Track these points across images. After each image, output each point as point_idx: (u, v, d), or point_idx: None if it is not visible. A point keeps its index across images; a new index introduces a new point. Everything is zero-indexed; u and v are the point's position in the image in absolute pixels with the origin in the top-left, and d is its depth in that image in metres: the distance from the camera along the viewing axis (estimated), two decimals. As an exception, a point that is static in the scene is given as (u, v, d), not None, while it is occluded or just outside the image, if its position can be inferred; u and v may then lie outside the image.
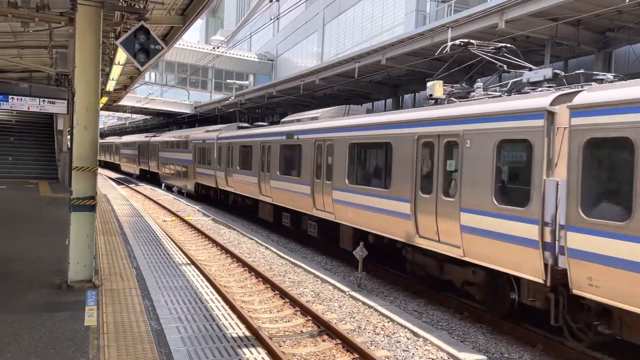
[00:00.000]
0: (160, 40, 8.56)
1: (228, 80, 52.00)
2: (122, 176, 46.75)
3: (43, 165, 25.75)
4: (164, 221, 18.94)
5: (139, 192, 30.43)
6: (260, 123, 22.92)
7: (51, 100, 23.66)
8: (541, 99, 7.19)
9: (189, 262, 11.38)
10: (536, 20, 12.44)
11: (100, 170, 30.64)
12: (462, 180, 8.34)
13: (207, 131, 25.41)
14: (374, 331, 8.11)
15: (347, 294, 9.99)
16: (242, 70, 54.13)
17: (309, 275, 11.50)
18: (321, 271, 11.69)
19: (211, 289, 9.11)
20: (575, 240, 6.36)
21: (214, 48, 42.25)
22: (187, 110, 42.04)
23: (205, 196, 25.57)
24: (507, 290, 8.01)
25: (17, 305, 6.85)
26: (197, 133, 26.69)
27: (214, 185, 23.02)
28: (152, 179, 39.64)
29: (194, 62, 47.08)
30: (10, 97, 23.18)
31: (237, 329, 7.07)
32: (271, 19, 22.64)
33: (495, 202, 7.68)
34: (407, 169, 9.78)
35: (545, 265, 6.87)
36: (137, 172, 41.78)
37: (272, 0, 15.08)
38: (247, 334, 6.98)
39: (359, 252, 10.77)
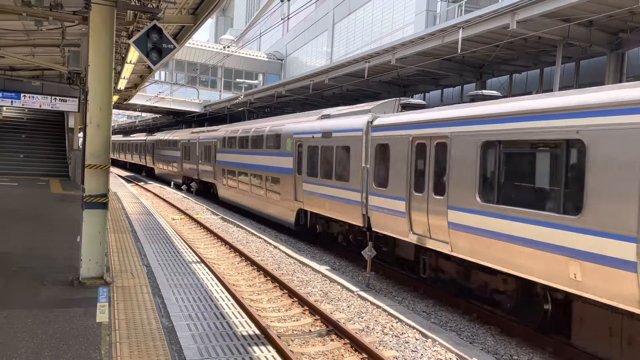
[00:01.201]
0: (172, 39, 8.61)
1: (237, 80, 52.14)
2: (132, 174, 47.01)
3: (54, 163, 25.96)
4: (174, 219, 19.04)
5: (149, 190, 30.60)
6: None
7: (62, 98, 23.87)
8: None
9: (198, 260, 11.43)
10: (548, 21, 12.38)
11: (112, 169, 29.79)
12: None
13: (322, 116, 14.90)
14: (383, 331, 8.12)
15: (356, 293, 10.01)
16: (251, 69, 54.23)
17: (318, 274, 11.52)
18: (330, 271, 11.71)
19: (220, 287, 9.15)
20: None
21: (223, 47, 42.36)
22: (196, 109, 42.22)
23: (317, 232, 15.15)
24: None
25: (30, 301, 6.93)
26: (300, 121, 15.98)
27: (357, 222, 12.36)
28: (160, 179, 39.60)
29: (204, 61, 47.27)
30: (22, 94, 23.42)
31: (246, 327, 7.10)
32: (281, 19, 22.71)
33: None
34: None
35: None
36: (188, 182, 30.09)
37: (283, 0, 15.13)
38: (257, 332, 7.01)
39: (368, 252, 10.77)
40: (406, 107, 12.01)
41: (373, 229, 11.45)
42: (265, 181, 17.70)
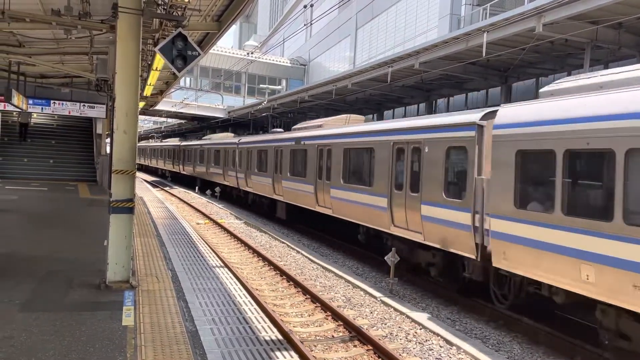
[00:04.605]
0: (197, 46, 8.73)
1: (261, 85, 52.62)
2: (157, 179, 47.70)
3: (82, 168, 26.52)
4: (198, 224, 19.24)
5: (174, 195, 31.00)
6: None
7: (91, 104, 24.44)
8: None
9: (222, 264, 11.52)
10: (575, 23, 12.15)
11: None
12: None
13: None
14: (406, 338, 8.04)
15: (379, 299, 9.94)
16: (274, 75, 54.66)
17: (340, 280, 11.49)
18: (352, 276, 11.66)
19: (244, 291, 9.20)
20: None
21: (247, 53, 42.77)
22: (220, 115, 42.68)
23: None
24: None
25: (58, 304, 7.07)
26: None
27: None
28: (184, 179, 39.78)
29: (228, 67, 47.84)
30: (52, 101, 24.06)
31: (269, 332, 7.12)
32: (304, 25, 22.81)
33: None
34: None
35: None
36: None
37: (306, 6, 15.21)
38: (279, 337, 7.02)
39: (391, 258, 10.70)
40: None
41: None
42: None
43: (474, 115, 9.27)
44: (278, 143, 19.37)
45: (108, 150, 19.04)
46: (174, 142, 45.32)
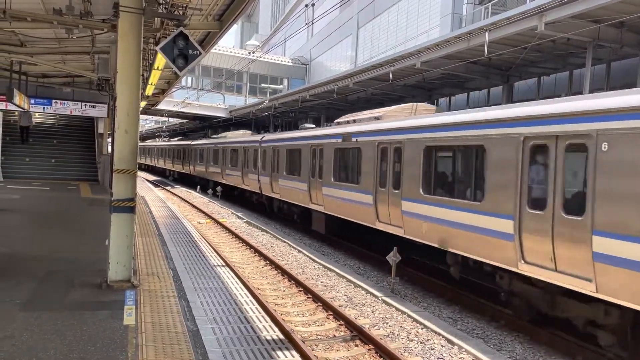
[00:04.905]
0: (198, 45, 8.72)
1: (262, 85, 52.60)
2: (159, 178, 47.72)
3: (84, 168, 26.53)
4: (199, 223, 19.24)
5: (175, 195, 31.01)
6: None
7: (92, 104, 24.43)
8: None
9: (223, 264, 11.52)
10: (577, 22, 12.12)
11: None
12: None
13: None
14: (408, 337, 8.03)
15: (380, 299, 9.93)
16: (276, 74, 54.64)
17: (342, 279, 11.48)
18: (354, 275, 11.65)
19: (245, 291, 9.19)
20: None
21: (249, 53, 42.75)
22: (222, 114, 42.68)
23: None
24: None
25: (60, 303, 7.07)
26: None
27: None
28: (186, 179, 39.76)
29: (230, 66, 47.83)
30: (53, 101, 24.05)
31: (270, 332, 7.11)
32: (306, 24, 22.78)
33: None
34: None
35: None
36: None
37: (308, 5, 15.19)
38: (281, 336, 7.02)
39: (393, 257, 10.69)
40: None
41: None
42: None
43: None
44: (317, 140, 15.79)
45: (109, 150, 19.08)
46: (183, 141, 42.00)
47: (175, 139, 52.47)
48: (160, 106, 37.60)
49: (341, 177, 14.20)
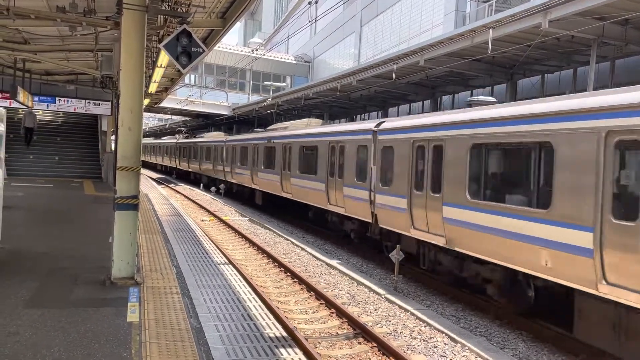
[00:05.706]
0: (201, 42, 8.72)
1: (265, 82, 52.52)
2: (163, 176, 47.80)
3: (87, 165, 26.58)
4: (202, 221, 19.27)
5: (179, 192, 31.06)
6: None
7: (96, 102, 24.48)
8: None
9: (226, 261, 11.53)
10: (582, 20, 12.08)
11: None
12: None
13: None
14: (411, 335, 8.03)
15: (383, 296, 9.93)
16: (279, 72, 54.58)
17: (345, 277, 11.48)
18: (357, 273, 11.66)
19: (248, 288, 9.20)
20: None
21: (252, 50, 42.71)
22: (225, 112, 42.69)
23: None
24: None
25: (64, 301, 7.09)
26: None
27: None
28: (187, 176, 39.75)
29: (233, 64, 47.79)
30: (57, 98, 24.10)
31: (273, 329, 7.12)
32: (309, 21, 22.74)
33: None
34: None
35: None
36: None
37: (311, 2, 15.17)
38: (284, 334, 7.02)
39: (395, 255, 10.68)
40: None
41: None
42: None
43: None
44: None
45: (113, 147, 19.11)
46: (211, 137, 34.68)
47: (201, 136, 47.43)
48: (164, 104, 37.63)
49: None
